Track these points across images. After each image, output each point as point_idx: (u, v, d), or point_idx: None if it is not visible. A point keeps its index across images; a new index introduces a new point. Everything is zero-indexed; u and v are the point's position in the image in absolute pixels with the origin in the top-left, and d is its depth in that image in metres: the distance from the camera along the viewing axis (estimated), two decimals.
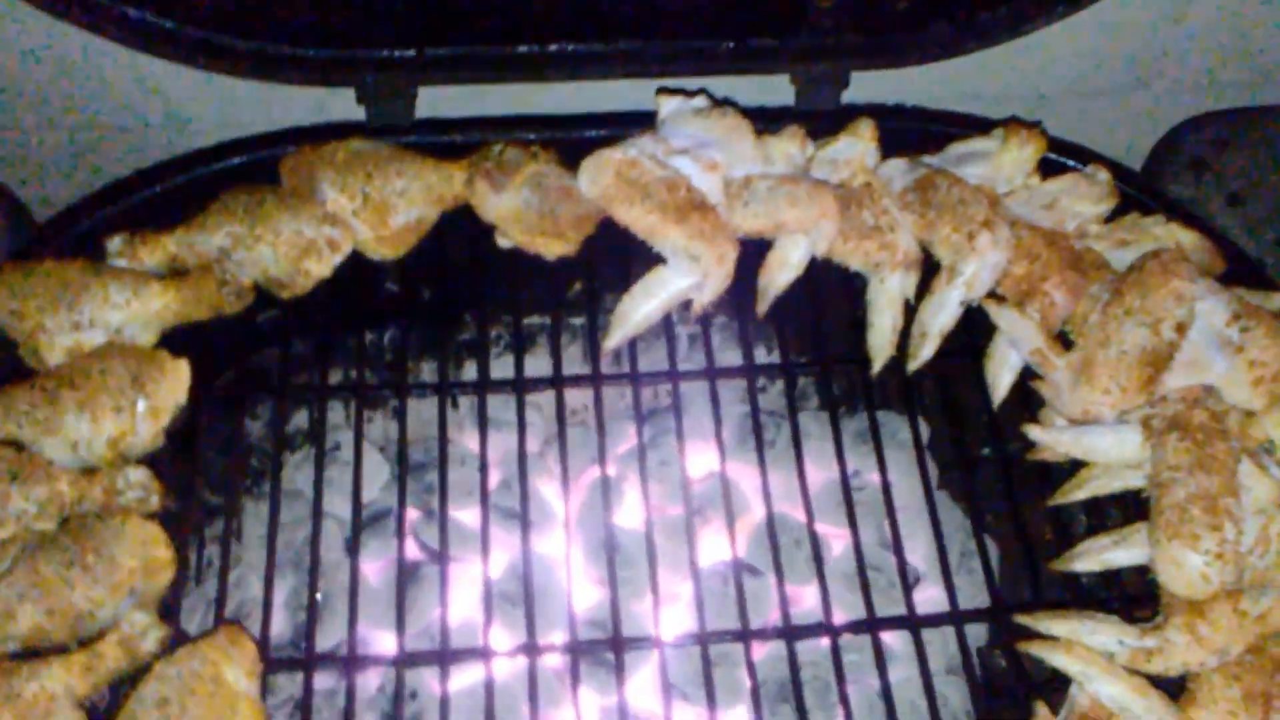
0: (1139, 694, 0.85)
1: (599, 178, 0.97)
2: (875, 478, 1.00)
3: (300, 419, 1.01)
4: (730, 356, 1.07)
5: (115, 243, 0.92)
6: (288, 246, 0.93)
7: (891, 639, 0.97)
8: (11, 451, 0.83)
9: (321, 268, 0.94)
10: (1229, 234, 1.10)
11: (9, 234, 0.99)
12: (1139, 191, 1.07)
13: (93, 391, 0.85)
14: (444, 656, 0.87)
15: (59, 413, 0.84)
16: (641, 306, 0.99)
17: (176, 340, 0.91)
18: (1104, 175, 1.04)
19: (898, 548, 0.95)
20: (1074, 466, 0.97)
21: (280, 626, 0.90)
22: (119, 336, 0.89)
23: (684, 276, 0.99)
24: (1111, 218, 1.04)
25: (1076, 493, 0.96)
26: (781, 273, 1.01)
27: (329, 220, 0.94)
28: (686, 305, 0.99)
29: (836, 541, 1.00)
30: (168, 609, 0.84)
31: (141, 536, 0.82)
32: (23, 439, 0.84)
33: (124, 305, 0.88)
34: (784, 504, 1.00)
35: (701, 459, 1.02)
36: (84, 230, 0.95)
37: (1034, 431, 0.97)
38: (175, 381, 0.87)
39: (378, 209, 0.95)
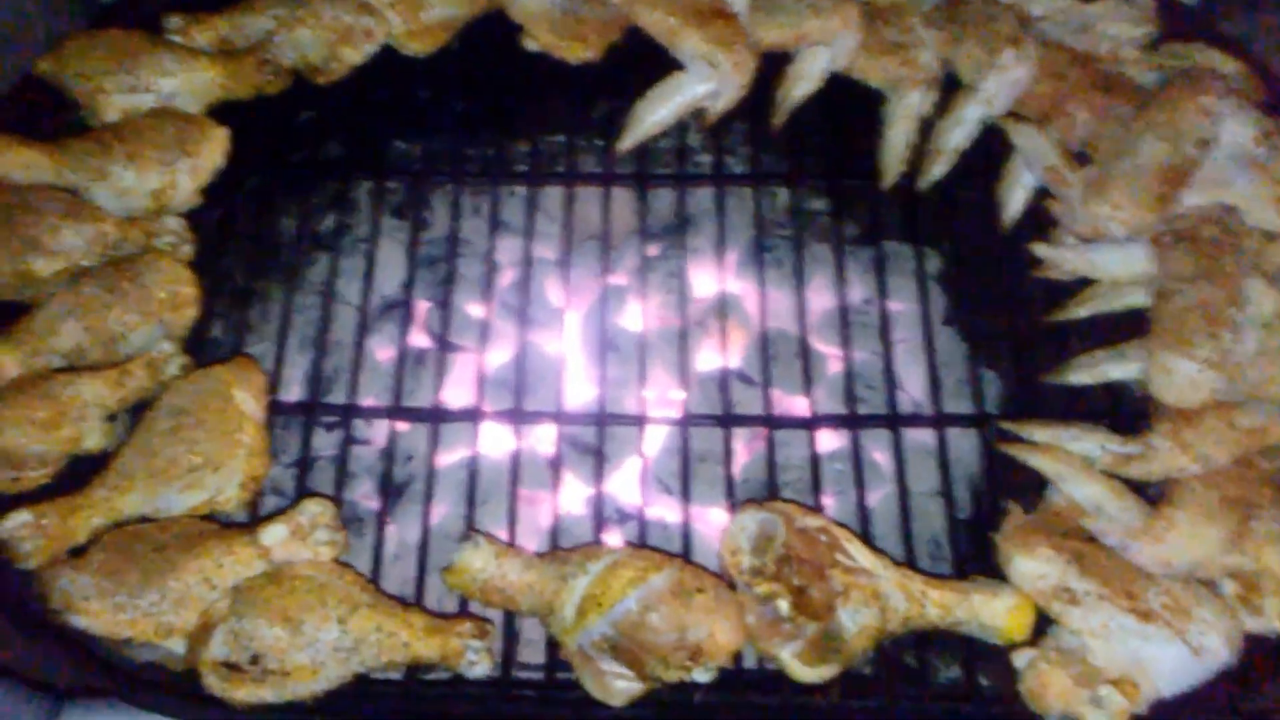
0: (1114, 494, 0.88)
1: None
2: (882, 305, 1.03)
3: (328, 220, 1.09)
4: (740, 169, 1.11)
5: (173, 21, 1.04)
6: (326, 31, 1.02)
7: (877, 457, 1.00)
8: (66, 194, 0.95)
9: (355, 54, 1.03)
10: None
11: (80, 10, 1.10)
12: (1184, 21, 1.06)
13: (142, 146, 0.96)
14: (436, 415, 0.95)
15: (110, 162, 0.95)
16: (656, 110, 1.06)
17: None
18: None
19: (888, 365, 0.98)
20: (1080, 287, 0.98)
21: (291, 392, 1.00)
22: (169, 103, 0.99)
23: (701, 83, 1.04)
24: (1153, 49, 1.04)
25: (1079, 309, 0.98)
26: (799, 84, 1.05)
27: (365, 10, 1.02)
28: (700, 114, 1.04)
29: (833, 361, 1.03)
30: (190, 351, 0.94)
31: (173, 274, 0.93)
32: (76, 185, 0.96)
33: (175, 74, 1.00)
34: (784, 322, 1.04)
35: (707, 274, 1.06)
36: (146, 10, 1.05)
37: (1041, 248, 0.99)
38: (216, 144, 0.98)
39: (412, 2, 1.03)
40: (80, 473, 0.88)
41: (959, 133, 1.03)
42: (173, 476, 0.86)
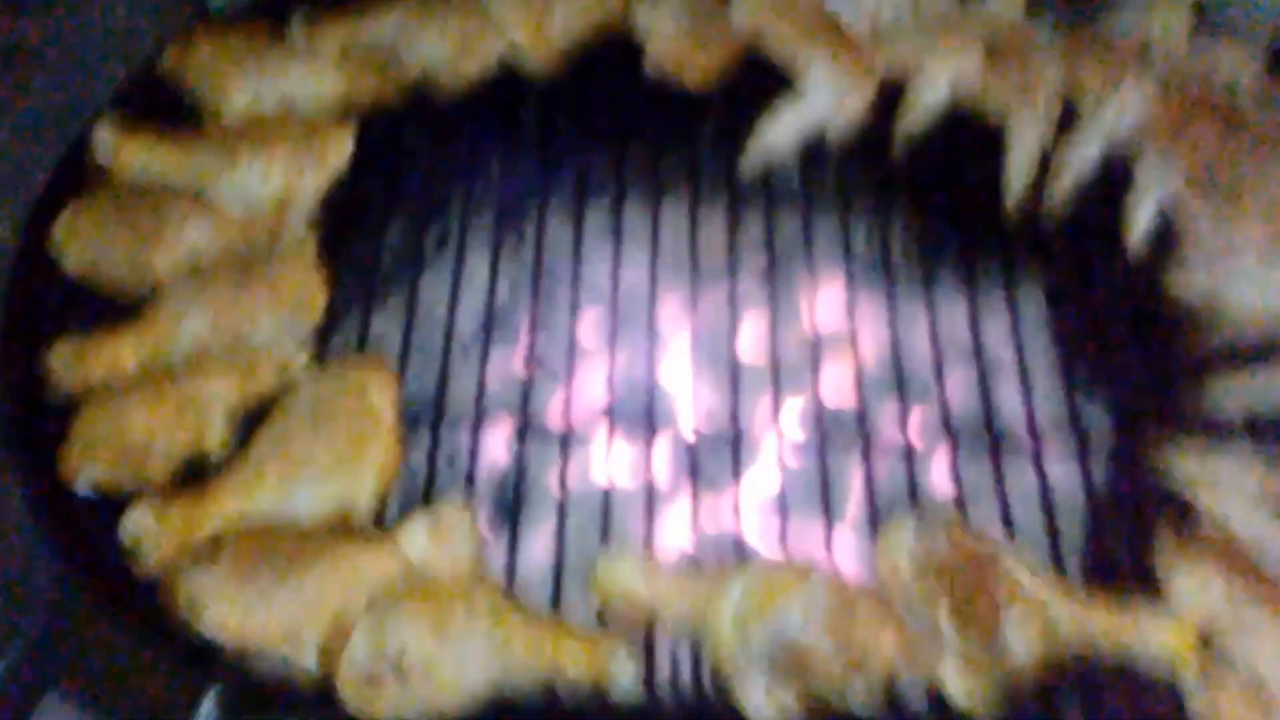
0: (1268, 520, 0.85)
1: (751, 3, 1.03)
2: (1006, 349, 1.02)
3: (450, 233, 1.07)
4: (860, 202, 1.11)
5: (298, 21, 1.02)
6: (449, 42, 1.01)
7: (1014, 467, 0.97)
8: (188, 191, 0.92)
9: (476, 68, 1.01)
10: None
11: (191, 11, 1.09)
12: None
13: (267, 145, 0.94)
14: (565, 439, 0.92)
15: (234, 160, 0.93)
16: (777, 131, 1.04)
17: None
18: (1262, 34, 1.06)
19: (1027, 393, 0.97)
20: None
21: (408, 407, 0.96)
22: (291, 107, 0.97)
23: (821, 105, 1.03)
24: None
25: (1213, 333, 0.97)
26: (919, 113, 1.05)
27: (491, 22, 1.02)
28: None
29: (959, 398, 1.02)
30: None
31: (301, 273, 0.91)
32: (198, 182, 0.93)
33: (300, 77, 0.98)
34: (908, 354, 1.03)
35: (830, 304, 1.05)
36: (256, 13, 1.04)
37: (1170, 274, 0.98)
38: (341, 146, 0.96)
39: (538, 18, 1.03)
40: (197, 477, 0.84)
41: (1081, 160, 1.03)
42: (305, 474, 0.82)
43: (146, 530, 0.78)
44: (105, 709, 0.90)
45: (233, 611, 0.75)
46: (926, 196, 1.09)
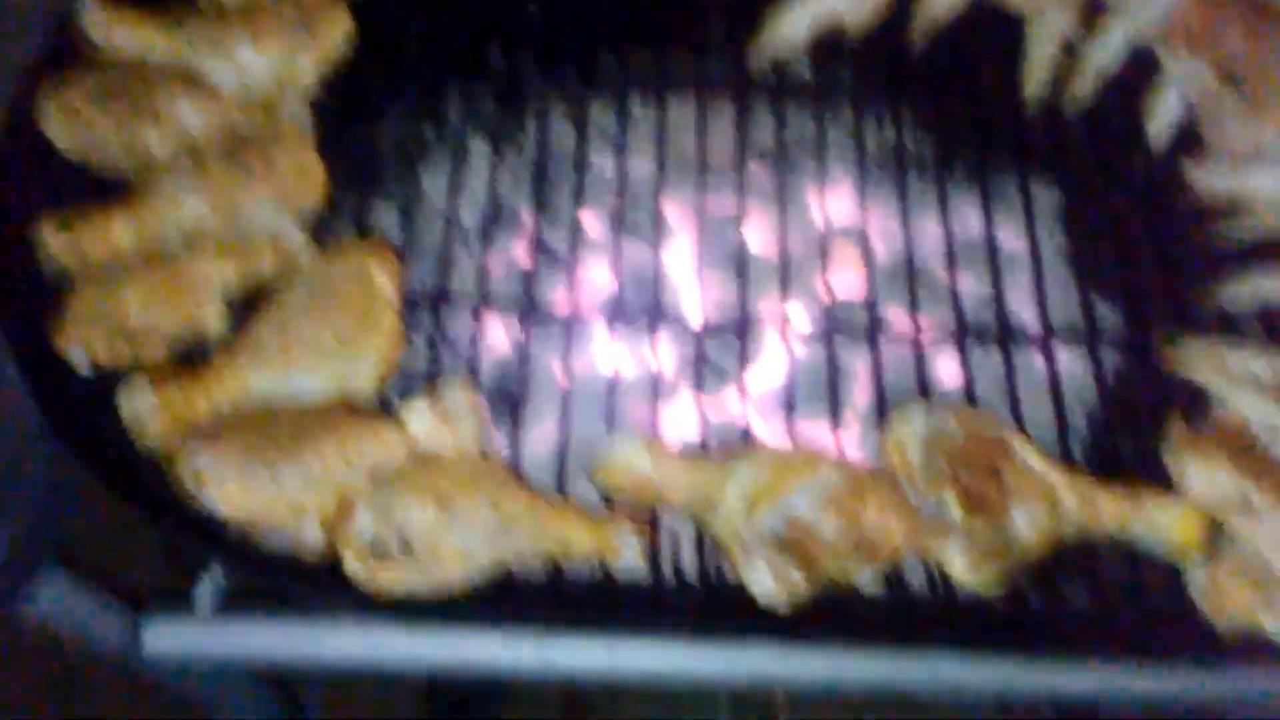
0: None
1: None
2: (1019, 243, 1.00)
3: (450, 119, 1.04)
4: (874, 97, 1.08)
5: None
6: None
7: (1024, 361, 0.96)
8: (183, 71, 0.90)
9: None
10: None
11: None
12: None
13: (264, 24, 0.91)
14: (569, 324, 0.91)
15: (231, 39, 0.91)
16: (790, 23, 1.02)
17: None
18: None
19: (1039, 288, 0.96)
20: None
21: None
22: None
23: None
24: None
25: (1231, 231, 0.95)
26: (940, 4, 1.02)
27: None
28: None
29: (970, 292, 1.00)
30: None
31: (300, 155, 0.89)
32: (194, 62, 0.91)
33: None
34: (916, 247, 1.01)
35: (840, 200, 1.03)
36: None
37: (1192, 169, 0.96)
38: (338, 27, 0.94)
39: None
40: (197, 358, 0.82)
41: (1105, 54, 1.00)
42: (306, 356, 0.80)
43: (146, 407, 0.77)
44: (106, 583, 0.89)
45: (236, 489, 0.74)
46: (943, 90, 1.06)
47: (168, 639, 0.87)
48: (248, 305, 0.85)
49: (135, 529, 0.78)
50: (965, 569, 0.79)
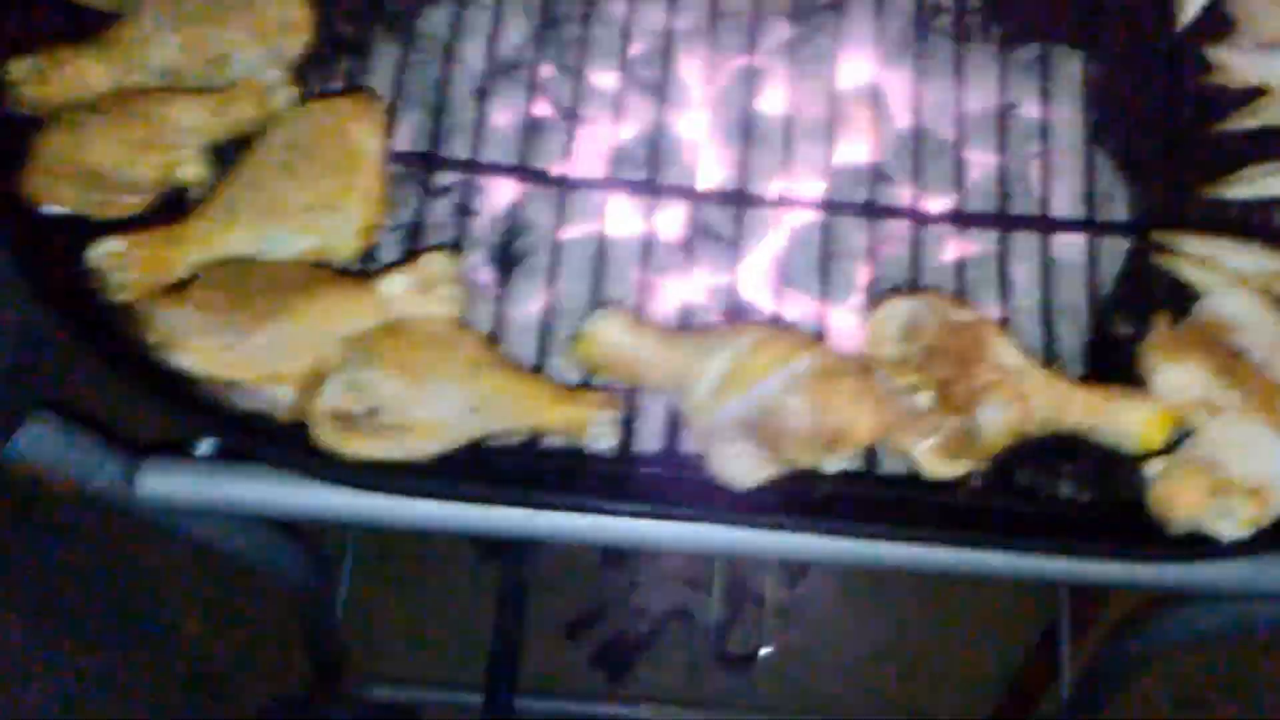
0: (1265, 309, 0.83)
1: None
2: (1033, 110, 0.96)
3: None
4: None
5: None
6: None
7: (1018, 265, 0.94)
8: None
9: None
10: None
11: None
12: None
13: None
14: (561, 181, 0.88)
15: None
16: None
17: None
18: None
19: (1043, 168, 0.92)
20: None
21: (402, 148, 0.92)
22: None
23: None
24: None
25: (1249, 119, 0.91)
26: None
27: None
28: None
29: (982, 163, 0.97)
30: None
31: None
32: None
33: None
34: (933, 118, 0.97)
35: (856, 61, 0.98)
36: None
37: (1216, 52, 0.91)
38: None
39: None
40: (175, 211, 0.81)
41: None
42: (283, 214, 0.79)
43: (116, 260, 0.76)
44: (89, 429, 0.91)
45: (207, 352, 0.74)
46: None
47: (163, 483, 0.89)
48: (230, 154, 0.83)
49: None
50: (932, 460, 0.80)
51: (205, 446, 0.83)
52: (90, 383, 0.82)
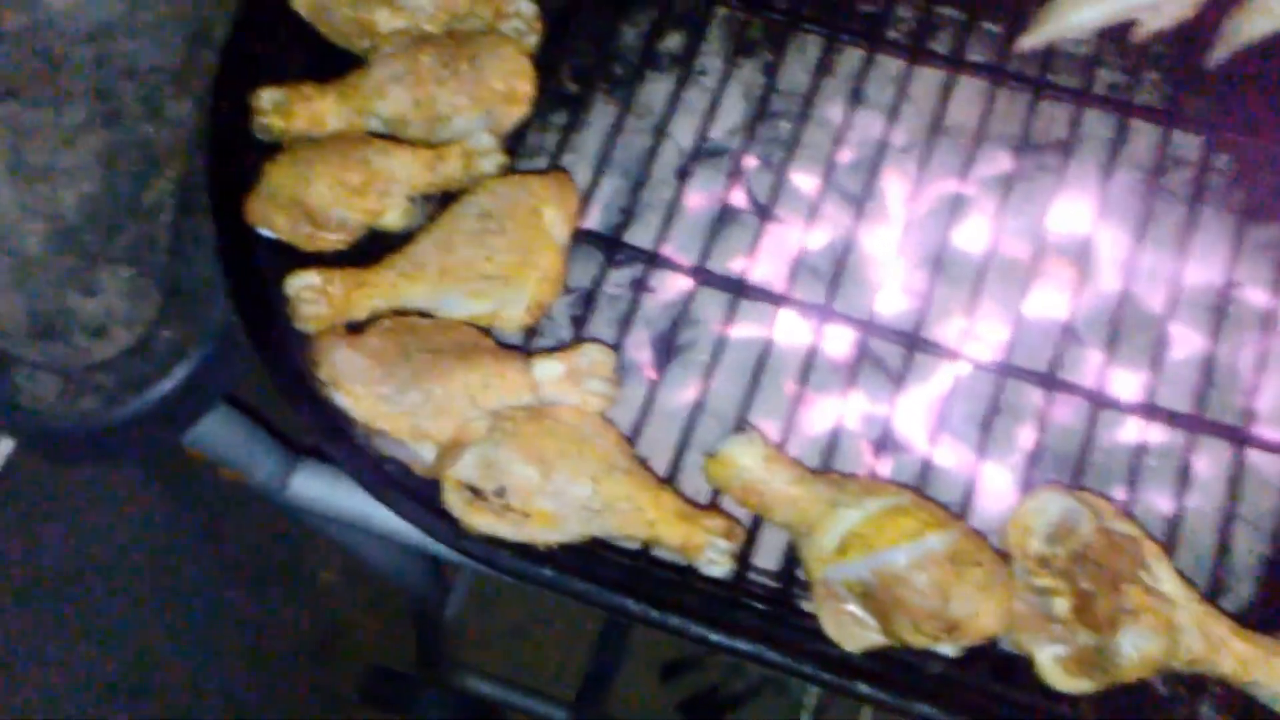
0: None
1: None
2: (1259, 297, 0.87)
3: (674, 41, 0.98)
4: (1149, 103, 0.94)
5: None
6: None
7: (1200, 467, 0.85)
8: None
9: None
10: None
11: None
12: None
13: None
14: (738, 286, 0.87)
15: None
16: (1082, 9, 0.89)
17: None
18: None
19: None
20: None
21: (594, 219, 0.92)
22: None
23: None
24: None
25: None
26: (1259, 18, 0.86)
27: None
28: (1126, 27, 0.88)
29: (1186, 347, 0.88)
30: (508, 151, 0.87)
31: (514, 64, 0.86)
32: None
33: None
34: (1143, 286, 0.89)
35: (1071, 208, 0.92)
36: None
37: None
38: None
39: None
40: (370, 252, 0.84)
41: None
42: (463, 279, 0.80)
43: (308, 293, 0.79)
44: (260, 427, 0.96)
45: (365, 398, 0.77)
46: (1250, 117, 0.91)
47: (311, 487, 0.93)
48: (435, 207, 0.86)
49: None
50: (1054, 671, 0.74)
51: None
52: (268, 386, 0.86)
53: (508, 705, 1.66)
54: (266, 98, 0.85)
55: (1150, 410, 0.83)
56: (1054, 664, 0.73)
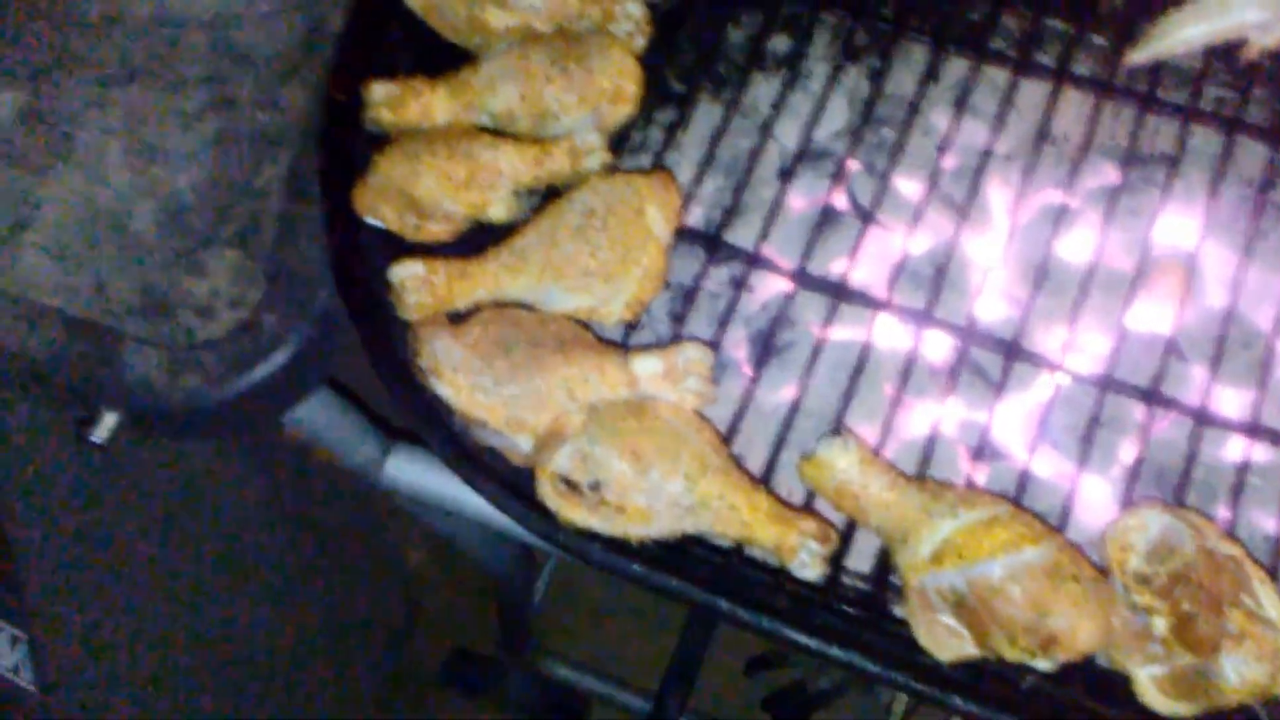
0: None
1: None
2: None
3: (780, 44, 0.98)
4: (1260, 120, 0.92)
5: None
6: None
7: None
8: None
9: None
10: None
11: None
12: None
13: None
14: (838, 289, 0.86)
15: None
16: (1190, 26, 0.87)
17: None
18: None
19: None
20: None
21: (695, 218, 0.91)
22: None
23: (1254, 7, 0.84)
24: None
25: None
26: None
27: None
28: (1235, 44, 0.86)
29: None
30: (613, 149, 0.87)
31: (622, 65, 0.86)
32: None
33: None
34: (1252, 304, 0.87)
35: (1176, 223, 0.89)
36: None
37: None
38: None
39: None
40: (475, 243, 0.84)
41: None
42: (566, 273, 0.81)
43: (414, 283, 0.80)
44: (359, 410, 0.97)
45: (464, 387, 0.77)
46: None
47: (406, 470, 0.94)
48: (539, 202, 0.86)
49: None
50: (1153, 692, 0.72)
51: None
52: (367, 371, 0.87)
53: (589, 692, 1.65)
54: (379, 91, 0.86)
55: (1254, 429, 0.82)
56: (1152, 684, 0.72)
